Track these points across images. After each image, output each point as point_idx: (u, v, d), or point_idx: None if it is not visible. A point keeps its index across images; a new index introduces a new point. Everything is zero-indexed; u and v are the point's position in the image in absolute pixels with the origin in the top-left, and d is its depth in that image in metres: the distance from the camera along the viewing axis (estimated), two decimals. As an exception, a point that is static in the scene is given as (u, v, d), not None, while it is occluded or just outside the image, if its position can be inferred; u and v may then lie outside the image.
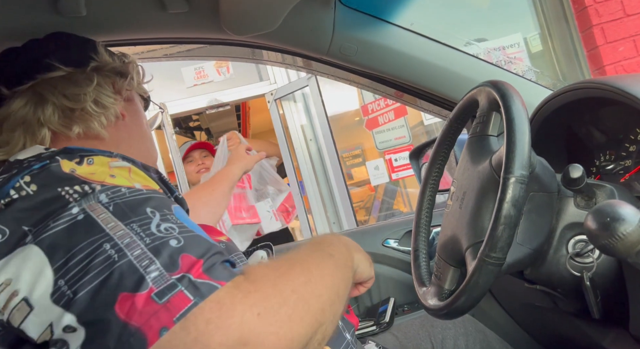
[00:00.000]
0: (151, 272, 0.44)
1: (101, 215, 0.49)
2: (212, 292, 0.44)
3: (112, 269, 0.44)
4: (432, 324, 0.97)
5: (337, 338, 0.70)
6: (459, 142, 0.86)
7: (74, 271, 0.45)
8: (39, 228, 0.48)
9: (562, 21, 2.84)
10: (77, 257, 0.46)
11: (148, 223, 0.49)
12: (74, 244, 0.46)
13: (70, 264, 0.45)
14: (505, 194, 0.55)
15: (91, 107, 0.73)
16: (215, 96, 3.55)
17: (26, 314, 0.46)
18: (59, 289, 0.45)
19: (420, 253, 0.83)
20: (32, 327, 0.46)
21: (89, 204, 0.50)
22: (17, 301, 0.46)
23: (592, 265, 0.63)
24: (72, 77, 0.74)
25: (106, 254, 0.45)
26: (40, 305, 0.45)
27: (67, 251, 0.46)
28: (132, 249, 0.46)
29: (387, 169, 3.28)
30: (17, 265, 0.47)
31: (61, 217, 0.48)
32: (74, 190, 0.51)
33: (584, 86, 0.78)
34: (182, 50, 1.20)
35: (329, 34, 1.04)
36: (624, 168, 0.83)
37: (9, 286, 0.46)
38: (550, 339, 1.07)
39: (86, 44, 0.80)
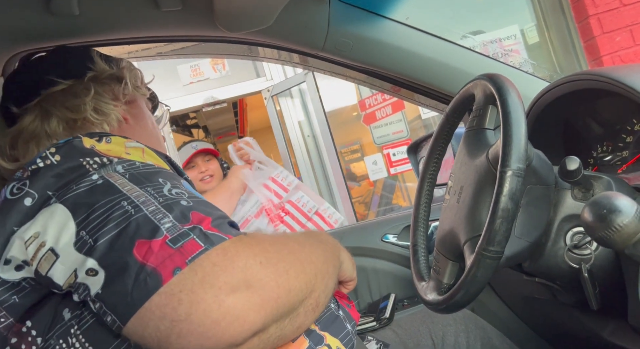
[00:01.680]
0: (165, 223, 0.49)
1: (119, 181, 0.54)
2: (220, 242, 0.49)
3: (130, 220, 0.49)
4: (433, 320, 0.97)
5: (338, 326, 0.71)
6: (456, 136, 0.86)
7: (95, 223, 0.50)
8: (62, 191, 0.53)
9: (559, 12, 2.84)
10: (98, 212, 0.51)
11: (160, 188, 0.54)
12: (94, 201, 0.51)
13: (91, 218, 0.50)
14: (503, 188, 0.55)
15: (92, 115, 0.77)
16: (211, 93, 3.54)
17: (52, 262, 0.50)
18: (81, 239, 0.50)
19: (419, 248, 0.83)
20: (58, 274, 0.50)
21: (108, 172, 0.55)
22: (44, 251, 0.51)
23: (590, 257, 0.64)
24: (72, 89, 0.79)
25: (124, 209, 0.50)
26: (65, 253, 0.50)
27: (89, 208, 0.51)
28: (147, 206, 0.51)
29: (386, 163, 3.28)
30: (44, 220, 0.52)
31: (83, 181, 0.54)
32: (94, 161, 0.56)
33: (580, 78, 0.78)
34: (177, 48, 1.19)
35: (324, 29, 1.04)
36: (621, 159, 0.83)
37: (37, 239, 0.51)
38: (549, 331, 1.07)
39: (83, 55, 0.83)
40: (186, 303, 0.46)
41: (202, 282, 0.46)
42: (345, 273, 0.76)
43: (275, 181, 1.77)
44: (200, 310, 0.46)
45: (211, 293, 0.46)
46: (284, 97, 3.53)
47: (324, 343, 0.66)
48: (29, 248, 0.51)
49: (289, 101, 3.55)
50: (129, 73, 0.86)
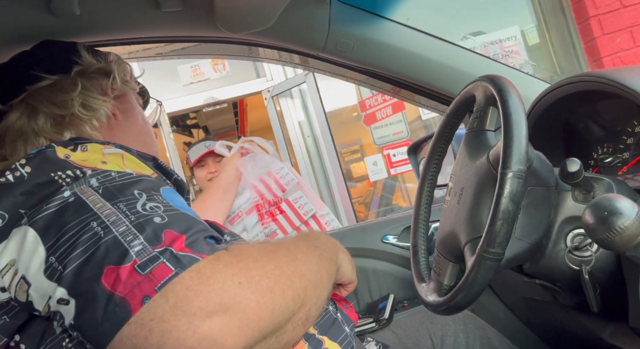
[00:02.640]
0: (135, 246, 0.47)
1: (90, 197, 0.51)
2: (192, 263, 0.46)
3: (99, 244, 0.47)
4: (432, 321, 0.97)
5: (336, 330, 0.70)
6: (457, 137, 0.86)
7: (63, 247, 0.48)
8: (33, 211, 0.51)
9: (559, 13, 2.84)
10: (67, 236, 0.48)
11: (134, 203, 0.51)
12: (64, 223, 0.49)
13: (60, 242, 0.48)
14: (503, 189, 0.55)
15: (80, 111, 0.74)
16: (211, 94, 3.54)
17: (26, 289, 0.49)
18: (50, 266, 0.48)
19: (419, 249, 0.83)
20: (35, 301, 0.49)
21: (80, 188, 0.52)
22: (17, 279, 0.50)
23: (591, 259, 0.63)
24: (58, 84, 0.76)
25: (93, 231, 0.48)
26: (36, 281, 0.49)
27: (58, 231, 0.49)
28: (117, 226, 0.48)
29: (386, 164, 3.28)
30: (16, 245, 0.50)
31: (54, 200, 0.51)
32: (66, 174, 0.54)
33: (581, 79, 0.78)
34: (177, 49, 1.19)
35: (325, 30, 1.03)
36: (621, 161, 0.83)
37: (12, 267, 0.50)
38: (550, 332, 1.07)
39: (69, 49, 0.80)
40: (157, 333, 0.43)
41: (174, 309, 0.44)
42: (344, 276, 0.74)
43: (273, 176, 1.67)
44: (173, 339, 0.43)
45: (184, 320, 0.44)
46: (284, 98, 3.53)
47: (323, 347, 0.66)
48: (5, 277, 0.50)
49: (289, 101, 3.55)
50: (117, 67, 0.83)
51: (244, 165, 1.62)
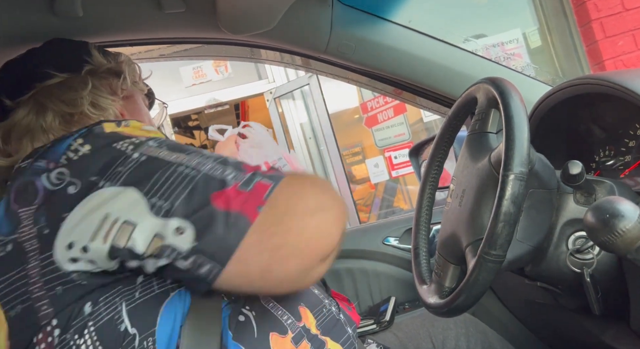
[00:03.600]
0: (228, 175, 0.54)
1: (160, 153, 0.56)
2: (281, 179, 0.55)
3: (195, 180, 0.53)
4: (433, 323, 0.97)
5: (339, 330, 0.71)
6: (458, 140, 0.86)
7: (162, 189, 0.53)
8: (108, 176, 0.54)
9: (561, 16, 2.84)
10: (160, 181, 0.53)
11: (200, 151, 0.58)
12: (151, 174, 0.54)
13: (157, 187, 0.53)
14: (505, 191, 0.55)
15: (89, 110, 0.75)
16: (213, 95, 3.54)
17: (130, 232, 0.52)
18: (154, 205, 0.52)
19: (421, 251, 0.83)
20: (138, 241, 0.52)
21: (144, 148, 0.57)
22: (118, 226, 0.52)
23: (592, 261, 0.63)
24: (68, 82, 0.76)
25: (184, 173, 0.54)
26: (142, 220, 0.52)
27: (149, 180, 0.53)
28: (202, 165, 0.55)
29: (387, 166, 3.28)
30: (106, 202, 0.53)
31: (127, 162, 0.55)
32: (126, 143, 0.58)
33: (582, 82, 0.78)
34: (179, 50, 1.19)
35: (327, 32, 1.04)
36: (623, 164, 0.82)
37: (107, 219, 0.52)
38: (551, 335, 1.07)
39: (80, 48, 0.81)
40: (280, 233, 0.52)
41: (286, 213, 0.53)
42: None
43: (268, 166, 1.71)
44: (293, 235, 0.53)
45: (298, 219, 0.54)
46: (286, 99, 3.53)
47: (326, 348, 0.66)
48: (101, 229, 0.52)
49: (291, 103, 3.56)
50: (128, 68, 0.84)
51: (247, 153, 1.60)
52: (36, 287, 0.54)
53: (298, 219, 0.54)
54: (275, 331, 0.62)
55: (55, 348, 0.54)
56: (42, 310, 0.54)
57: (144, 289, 0.57)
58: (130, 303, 0.56)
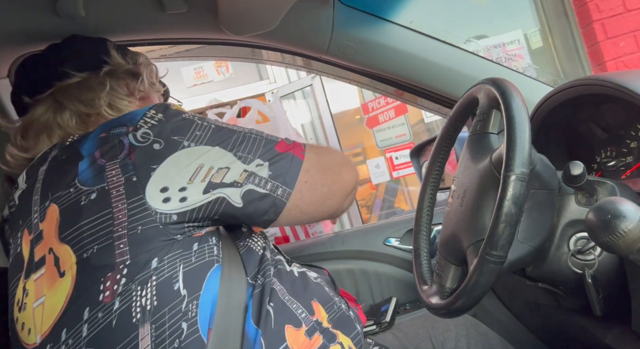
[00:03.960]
0: (278, 138, 0.75)
1: (223, 125, 0.71)
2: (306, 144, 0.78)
3: (263, 140, 0.73)
4: (433, 324, 0.97)
5: (349, 325, 0.73)
6: (460, 140, 0.86)
7: (242, 146, 0.70)
8: (190, 136, 0.67)
9: (562, 17, 2.84)
10: (238, 141, 0.70)
11: None
12: (229, 137, 0.69)
13: (237, 145, 0.69)
14: (506, 192, 0.55)
15: (106, 111, 0.77)
16: (215, 96, 3.55)
17: (225, 173, 0.67)
18: (241, 156, 0.69)
19: (422, 252, 0.83)
20: (231, 175, 0.68)
21: (207, 120, 0.70)
22: (214, 171, 0.67)
23: (594, 262, 0.63)
24: (87, 82, 0.78)
25: (253, 137, 0.72)
26: (233, 164, 0.68)
27: (229, 141, 0.69)
28: (260, 133, 0.74)
29: (388, 167, 3.28)
30: (201, 156, 0.66)
31: (201, 127, 0.68)
32: (191, 114, 0.70)
33: (584, 83, 0.78)
34: (181, 51, 1.20)
35: (328, 32, 1.04)
36: (625, 164, 0.82)
37: (202, 167, 0.66)
38: (552, 336, 1.07)
39: (99, 48, 0.82)
40: (330, 175, 0.77)
41: (331, 162, 0.79)
42: None
43: None
44: (337, 177, 0.78)
45: (337, 167, 0.79)
46: (288, 100, 3.53)
47: (337, 341, 0.67)
48: (199, 174, 0.65)
49: (293, 103, 3.56)
50: (146, 69, 0.85)
51: None
52: (120, 227, 0.61)
53: (337, 167, 0.79)
54: (290, 324, 0.66)
55: (118, 296, 0.60)
56: (120, 249, 0.61)
57: (198, 255, 0.65)
58: (187, 266, 0.63)
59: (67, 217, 0.63)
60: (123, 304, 0.59)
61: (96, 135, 0.67)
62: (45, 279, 0.63)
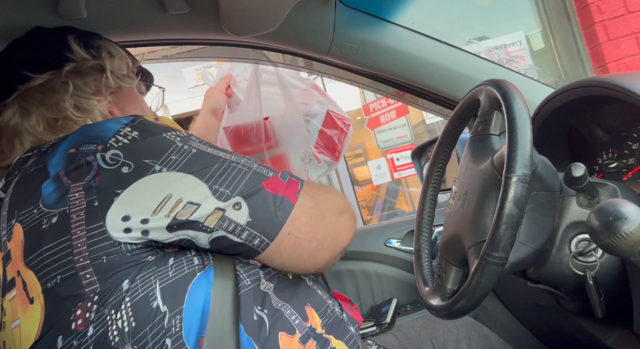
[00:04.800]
0: (269, 171, 0.65)
1: (207, 148, 0.63)
2: (303, 180, 0.67)
3: (249, 172, 0.63)
4: (434, 326, 0.97)
5: (342, 329, 0.72)
6: (461, 141, 0.86)
7: (222, 179, 0.61)
8: (164, 161, 0.60)
9: (564, 19, 2.84)
10: (219, 171, 0.61)
11: (238, 154, 0.66)
12: (209, 165, 0.61)
13: (216, 176, 0.61)
14: (507, 194, 0.55)
15: (73, 114, 0.71)
16: (216, 97, 3.54)
17: (193, 210, 0.60)
18: (217, 191, 0.60)
19: (423, 253, 0.83)
20: (200, 214, 0.60)
21: (191, 142, 0.63)
22: (182, 205, 0.59)
23: (595, 264, 0.63)
24: (50, 84, 0.72)
25: (238, 167, 0.63)
26: (205, 201, 0.60)
27: (208, 170, 0.61)
28: (250, 163, 0.64)
29: (389, 168, 3.28)
30: (167, 184, 0.59)
31: (180, 151, 0.61)
32: (174, 134, 0.63)
33: (585, 84, 0.78)
34: (182, 51, 1.20)
35: (330, 33, 1.04)
36: (626, 166, 0.82)
37: (170, 199, 0.59)
38: (553, 338, 1.07)
39: (61, 43, 0.75)
40: (323, 225, 0.65)
41: (327, 210, 0.67)
42: None
43: None
44: (331, 229, 0.67)
45: (335, 217, 0.67)
46: (289, 101, 3.53)
47: (330, 346, 0.66)
48: (164, 207, 0.59)
49: (294, 104, 3.55)
50: (112, 63, 0.77)
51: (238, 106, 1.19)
52: (81, 256, 0.57)
53: (334, 216, 0.68)
54: (284, 331, 0.64)
55: (92, 323, 0.57)
56: (86, 278, 0.57)
57: (175, 269, 0.61)
58: (163, 282, 0.60)
59: (30, 241, 0.60)
60: (98, 330, 0.57)
61: (65, 149, 0.62)
62: (18, 301, 0.60)
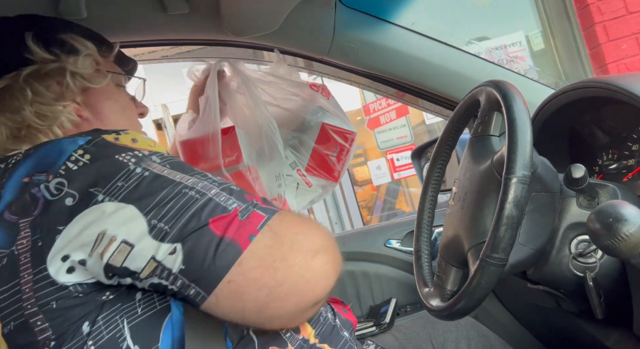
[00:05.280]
0: (232, 203, 0.53)
1: (164, 171, 0.54)
2: (275, 213, 0.54)
3: (199, 204, 0.52)
4: (434, 326, 0.96)
5: (335, 337, 0.70)
6: (461, 142, 0.86)
7: (164, 211, 0.51)
8: (109, 189, 0.52)
9: (564, 19, 2.83)
10: (163, 202, 0.51)
11: (206, 175, 0.56)
12: (154, 192, 0.52)
13: (159, 207, 0.51)
14: (507, 195, 0.55)
15: (35, 122, 0.65)
16: (216, 97, 3.53)
17: (128, 252, 0.51)
18: (155, 227, 0.51)
19: (423, 254, 0.83)
20: (135, 262, 0.51)
21: (147, 163, 0.54)
22: (116, 244, 0.51)
23: (595, 265, 0.63)
24: (10, 89, 0.66)
25: (188, 195, 0.52)
26: (140, 242, 0.51)
27: (152, 199, 0.51)
28: (208, 190, 0.53)
29: (389, 168, 3.28)
30: (104, 218, 0.51)
31: (130, 176, 0.52)
32: (129, 155, 0.54)
33: (586, 85, 0.78)
34: (182, 52, 1.20)
35: (330, 34, 1.04)
36: (626, 167, 0.82)
37: (104, 236, 0.51)
38: (553, 339, 1.07)
39: (19, 42, 0.67)
40: (282, 269, 0.51)
41: (291, 248, 0.53)
42: None
43: None
44: (295, 273, 0.52)
45: (301, 257, 0.52)
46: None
47: None
48: (99, 245, 0.51)
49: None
50: (76, 63, 0.68)
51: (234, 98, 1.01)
52: (29, 303, 0.51)
53: (302, 257, 0.53)
54: (274, 345, 0.61)
55: None
56: (37, 326, 0.51)
57: (145, 305, 0.55)
58: (132, 320, 0.54)
59: None
60: None
61: (19, 177, 0.55)
62: None
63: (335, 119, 1.05)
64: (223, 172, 0.89)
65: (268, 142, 0.94)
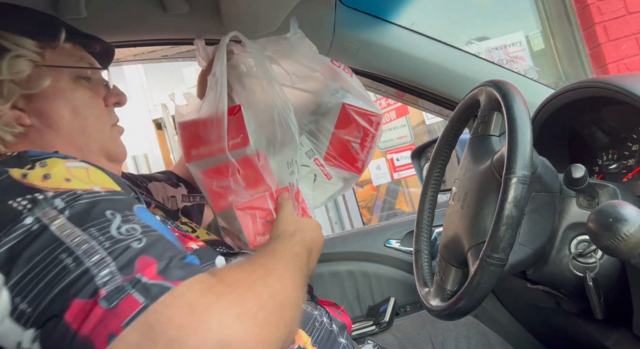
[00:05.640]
0: (104, 276, 0.41)
1: (56, 222, 0.44)
2: (163, 293, 0.40)
3: (70, 278, 0.41)
4: (433, 325, 0.97)
5: (333, 343, 0.70)
6: (461, 142, 0.86)
7: (30, 286, 0.42)
8: None
9: (564, 19, 2.83)
10: (34, 272, 0.42)
11: (108, 226, 0.45)
12: (28, 258, 0.43)
13: (26, 280, 0.42)
14: (507, 195, 0.55)
15: None
16: (216, 97, 3.53)
17: None
18: (17, 308, 0.42)
19: (422, 254, 0.83)
20: (5, 343, 0.44)
21: (43, 211, 0.45)
22: None
23: (595, 265, 0.63)
24: None
25: (62, 265, 0.42)
26: (2, 324, 0.43)
27: (23, 267, 0.42)
28: (90, 255, 0.42)
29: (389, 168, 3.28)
30: None
31: (14, 230, 0.44)
32: (26, 200, 0.46)
33: (585, 85, 0.78)
34: (182, 51, 1.20)
35: (330, 34, 1.04)
36: (626, 167, 0.82)
37: None
38: (553, 339, 1.07)
39: None
40: None
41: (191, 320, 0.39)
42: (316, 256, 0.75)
43: None
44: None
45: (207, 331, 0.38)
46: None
47: None
48: None
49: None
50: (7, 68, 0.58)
51: None
52: None
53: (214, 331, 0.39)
54: None
55: None
56: None
57: None
58: None
59: None
60: None
61: None
62: None
63: (357, 100, 0.89)
64: (227, 157, 0.77)
65: (281, 125, 0.81)
